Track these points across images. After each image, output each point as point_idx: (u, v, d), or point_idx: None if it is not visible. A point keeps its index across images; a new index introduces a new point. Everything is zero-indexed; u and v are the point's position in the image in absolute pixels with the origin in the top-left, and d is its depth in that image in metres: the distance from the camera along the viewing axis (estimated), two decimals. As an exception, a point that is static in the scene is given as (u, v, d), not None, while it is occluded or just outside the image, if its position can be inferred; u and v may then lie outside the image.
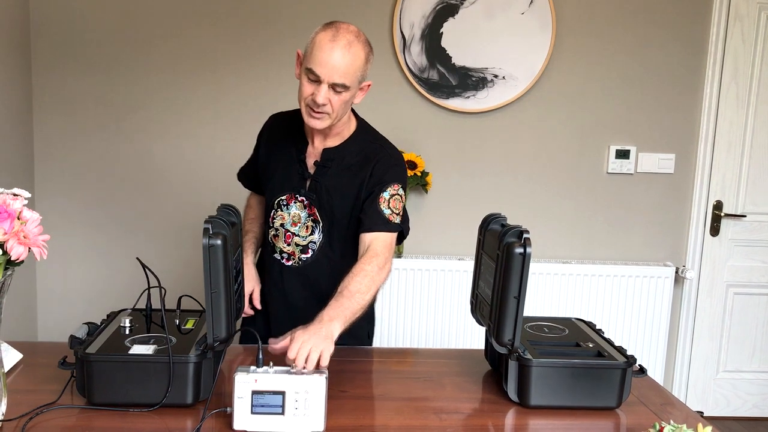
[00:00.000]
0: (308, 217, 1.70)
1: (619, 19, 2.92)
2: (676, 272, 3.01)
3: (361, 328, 1.77)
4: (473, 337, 2.88)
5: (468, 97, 2.89)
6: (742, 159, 3.07)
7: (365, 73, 1.60)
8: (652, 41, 2.94)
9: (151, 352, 1.30)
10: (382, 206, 1.65)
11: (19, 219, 1.11)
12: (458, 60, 2.86)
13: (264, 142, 1.83)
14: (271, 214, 1.76)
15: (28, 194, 1.16)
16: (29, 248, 1.11)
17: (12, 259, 1.09)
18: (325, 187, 1.69)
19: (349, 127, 1.72)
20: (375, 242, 1.62)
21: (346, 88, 1.55)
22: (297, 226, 1.72)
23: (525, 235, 1.32)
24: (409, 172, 2.78)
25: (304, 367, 1.26)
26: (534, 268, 2.83)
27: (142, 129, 2.85)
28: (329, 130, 1.66)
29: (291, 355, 1.28)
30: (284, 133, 1.78)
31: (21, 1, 2.70)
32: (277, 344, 1.39)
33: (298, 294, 1.75)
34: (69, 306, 2.92)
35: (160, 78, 2.82)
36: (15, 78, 2.67)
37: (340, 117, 1.62)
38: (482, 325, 1.53)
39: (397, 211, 1.67)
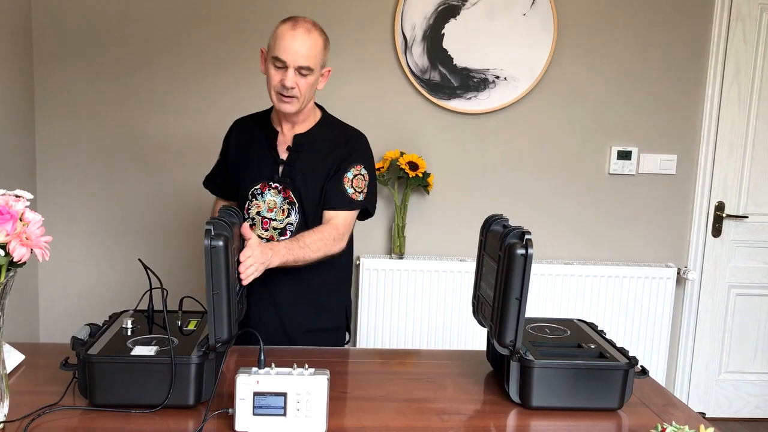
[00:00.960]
0: (284, 200, 1.82)
1: (621, 20, 2.92)
2: (678, 273, 3.01)
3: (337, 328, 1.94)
4: (475, 338, 2.87)
5: (469, 98, 2.89)
6: (744, 160, 3.06)
7: (325, 58, 1.79)
8: (654, 42, 2.94)
9: (153, 354, 1.30)
10: (345, 185, 1.83)
11: (21, 220, 1.11)
12: (460, 61, 2.86)
13: (232, 143, 1.95)
14: (246, 205, 1.86)
15: (30, 195, 1.16)
16: (31, 250, 1.11)
17: (14, 260, 1.10)
18: (298, 169, 1.82)
19: (315, 115, 1.89)
20: (336, 218, 1.81)
21: (310, 70, 1.72)
22: (273, 211, 1.83)
23: (527, 236, 1.32)
24: (411, 173, 2.78)
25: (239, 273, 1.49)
26: (536, 269, 2.83)
27: (144, 130, 2.86)
28: (297, 117, 1.82)
29: (242, 261, 1.51)
30: (251, 130, 1.92)
31: (23, 2, 2.70)
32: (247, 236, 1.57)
33: (280, 276, 1.78)
34: (71, 307, 2.92)
35: (162, 79, 2.83)
36: (17, 79, 2.67)
37: (307, 101, 1.78)
38: (484, 326, 1.53)
39: (360, 190, 1.85)
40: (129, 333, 1.43)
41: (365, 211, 1.90)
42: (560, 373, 1.35)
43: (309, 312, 1.88)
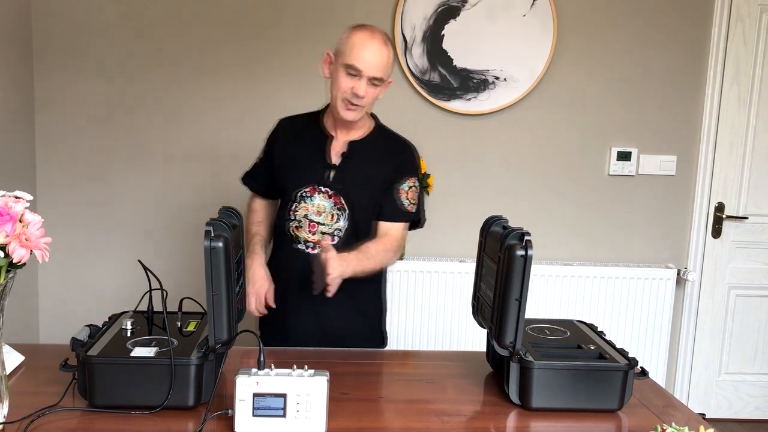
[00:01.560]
0: (333, 206, 1.82)
1: (621, 21, 2.92)
2: (678, 274, 3.01)
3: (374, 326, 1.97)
4: (475, 339, 2.87)
5: (469, 99, 2.89)
6: (744, 161, 3.06)
7: (391, 71, 1.81)
8: (654, 43, 2.94)
9: (152, 355, 1.30)
10: (402, 198, 1.86)
11: (21, 221, 1.11)
12: (459, 62, 2.86)
13: (278, 143, 1.93)
14: (292, 207, 1.84)
15: (29, 197, 1.16)
16: (31, 251, 1.11)
17: (14, 261, 1.09)
18: (351, 176, 1.82)
19: (369, 123, 1.90)
20: (394, 230, 1.85)
21: (381, 81, 1.75)
22: (321, 215, 1.82)
23: (526, 238, 1.32)
24: (411, 174, 2.78)
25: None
26: (535, 270, 2.83)
27: (144, 131, 2.86)
28: (354, 123, 1.83)
29: (330, 274, 1.62)
30: (299, 132, 1.91)
31: (23, 3, 2.70)
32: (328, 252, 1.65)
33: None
34: (70, 308, 2.92)
35: (162, 79, 2.83)
36: (17, 79, 2.67)
37: (368, 110, 1.82)
38: (484, 327, 1.53)
39: (413, 201, 1.88)
40: (129, 334, 1.42)
41: (415, 221, 1.93)
42: (560, 374, 1.35)
43: (349, 319, 1.89)
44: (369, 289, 1.93)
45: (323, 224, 1.82)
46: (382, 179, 1.84)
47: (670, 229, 3.08)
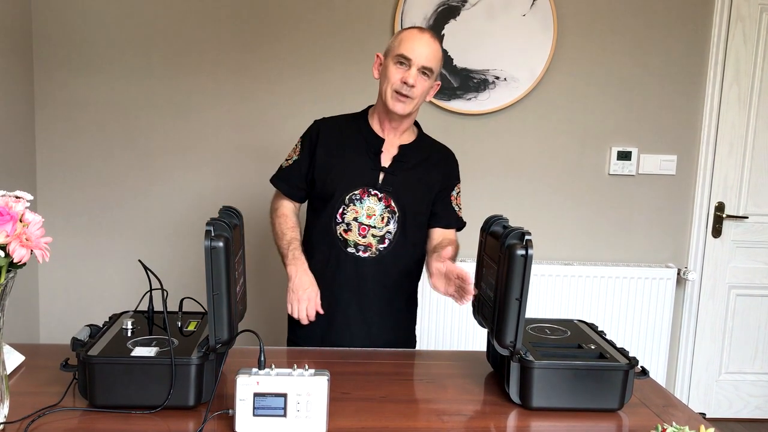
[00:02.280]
0: (384, 209, 1.82)
1: (621, 21, 2.92)
2: (678, 274, 3.01)
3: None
4: (475, 338, 2.87)
5: (469, 98, 2.89)
6: (744, 160, 3.06)
7: (440, 71, 1.84)
8: (654, 42, 2.94)
9: (153, 355, 1.30)
10: (454, 205, 1.93)
11: (21, 221, 1.11)
12: (460, 62, 2.86)
13: (320, 144, 1.88)
14: (340, 210, 1.82)
15: (30, 197, 1.16)
16: (31, 251, 1.11)
17: (14, 261, 1.09)
18: (402, 179, 1.83)
19: (414, 129, 1.93)
20: (449, 235, 1.91)
21: (431, 72, 1.78)
22: (372, 218, 1.82)
23: (527, 237, 1.32)
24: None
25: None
26: (536, 270, 2.83)
27: (144, 131, 2.86)
28: (402, 124, 1.85)
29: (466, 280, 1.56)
30: (344, 134, 1.89)
31: (23, 4, 2.70)
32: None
33: (373, 284, 1.84)
34: (71, 308, 2.92)
35: (162, 80, 2.83)
36: (17, 80, 2.67)
37: (416, 107, 1.82)
38: (484, 326, 1.53)
39: (461, 207, 1.96)
40: (129, 334, 1.42)
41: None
42: (560, 373, 1.35)
43: (390, 322, 1.92)
44: (406, 294, 1.96)
45: (374, 227, 1.81)
46: (430, 184, 1.87)
47: (671, 229, 3.09)
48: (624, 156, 3.00)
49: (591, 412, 1.37)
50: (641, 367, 1.45)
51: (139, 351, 1.32)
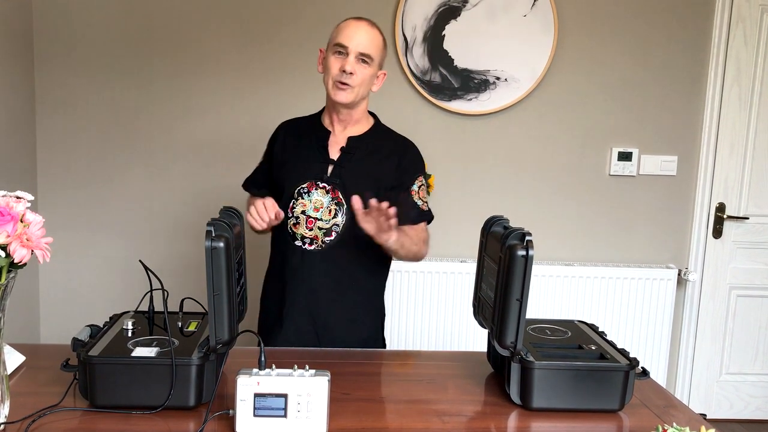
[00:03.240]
0: (331, 200, 1.81)
1: (621, 21, 2.92)
2: (679, 274, 3.01)
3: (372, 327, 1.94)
4: (476, 339, 2.87)
5: (470, 99, 2.89)
6: (745, 161, 3.06)
7: (383, 59, 1.82)
8: (655, 43, 2.94)
9: (153, 355, 1.30)
10: (415, 198, 1.86)
11: (22, 222, 1.11)
12: (460, 62, 2.86)
13: (278, 143, 1.93)
14: (291, 204, 1.83)
15: (30, 197, 1.16)
16: (32, 251, 1.11)
17: (15, 261, 1.09)
18: (350, 171, 1.82)
19: (368, 120, 1.90)
20: (418, 230, 1.85)
21: (370, 59, 1.76)
22: (319, 211, 1.81)
23: (527, 238, 1.32)
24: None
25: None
26: (536, 271, 2.83)
27: (144, 131, 2.86)
28: (350, 116, 1.84)
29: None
30: (300, 131, 1.92)
31: (24, 4, 2.70)
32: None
33: (318, 278, 1.81)
34: (71, 308, 2.92)
35: (162, 80, 2.83)
36: (17, 79, 2.67)
37: (361, 96, 1.79)
38: (485, 327, 1.53)
39: (425, 200, 1.89)
40: (129, 334, 1.42)
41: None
42: (561, 374, 1.35)
43: (343, 322, 1.86)
44: (365, 290, 1.91)
45: (321, 219, 1.80)
46: (383, 176, 1.83)
47: (671, 230, 3.08)
48: (625, 156, 3.00)
49: (591, 412, 1.37)
50: (642, 367, 1.45)
51: (140, 351, 1.32)
